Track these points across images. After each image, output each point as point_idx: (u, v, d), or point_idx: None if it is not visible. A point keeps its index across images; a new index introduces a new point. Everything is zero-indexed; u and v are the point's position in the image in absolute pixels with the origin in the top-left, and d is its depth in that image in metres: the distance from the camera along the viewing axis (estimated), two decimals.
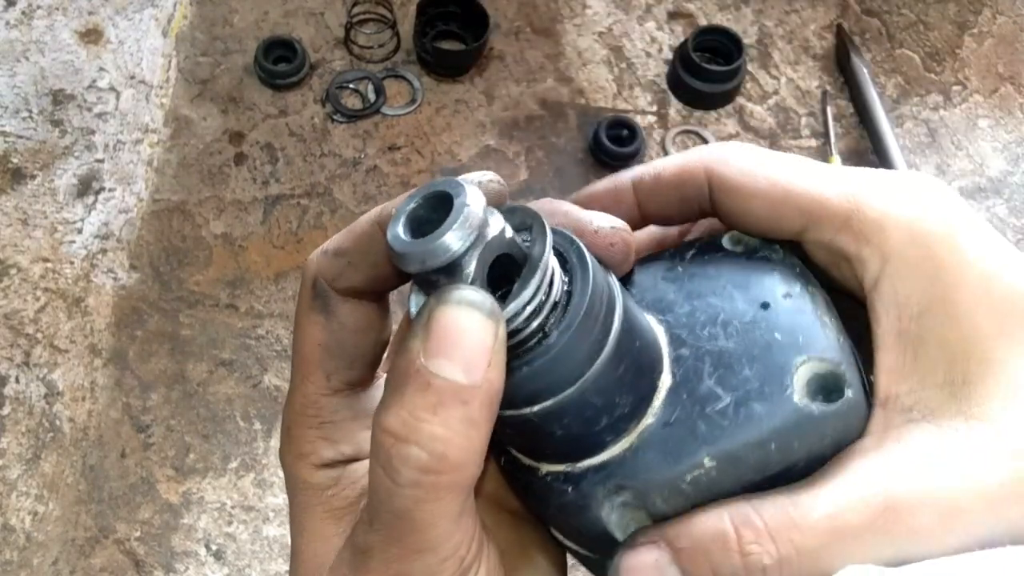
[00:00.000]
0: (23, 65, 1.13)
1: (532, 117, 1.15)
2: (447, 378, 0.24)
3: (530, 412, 0.27)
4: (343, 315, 0.31)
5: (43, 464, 0.91)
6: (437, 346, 0.25)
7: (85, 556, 0.87)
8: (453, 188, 0.26)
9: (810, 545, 0.26)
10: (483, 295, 0.25)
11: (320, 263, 0.31)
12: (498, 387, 0.25)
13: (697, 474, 0.27)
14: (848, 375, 0.28)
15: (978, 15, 1.28)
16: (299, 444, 0.32)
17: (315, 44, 1.17)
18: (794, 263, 0.31)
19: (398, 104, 1.15)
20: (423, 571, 0.26)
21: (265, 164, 1.09)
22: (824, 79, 1.21)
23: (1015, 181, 1.16)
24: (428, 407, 0.24)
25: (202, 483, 0.91)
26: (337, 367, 0.31)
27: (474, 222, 0.25)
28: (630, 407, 0.28)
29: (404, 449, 0.24)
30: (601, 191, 0.34)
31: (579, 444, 0.29)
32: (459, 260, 0.25)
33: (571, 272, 0.28)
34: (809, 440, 0.27)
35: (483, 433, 0.25)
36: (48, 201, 1.04)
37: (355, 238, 0.30)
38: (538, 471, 0.30)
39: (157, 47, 1.16)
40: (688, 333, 0.30)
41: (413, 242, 0.25)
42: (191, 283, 1.01)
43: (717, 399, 0.28)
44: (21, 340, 0.97)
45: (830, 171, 0.31)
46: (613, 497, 0.28)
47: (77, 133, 1.09)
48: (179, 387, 0.96)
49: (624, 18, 1.25)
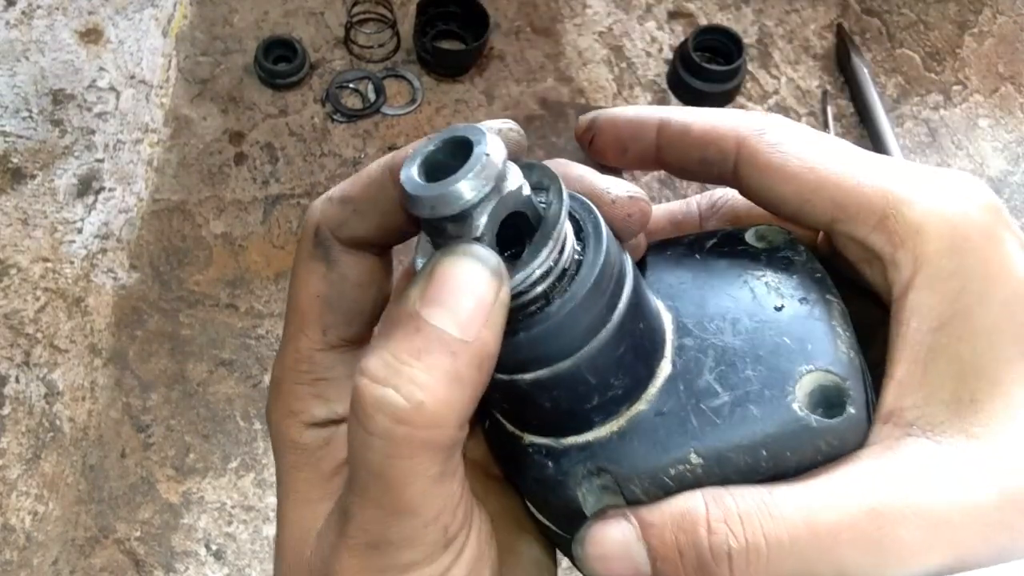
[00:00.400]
0: (23, 65, 1.13)
1: (532, 117, 1.15)
2: (438, 326, 0.23)
3: (521, 379, 0.27)
4: (345, 266, 0.29)
5: (43, 464, 0.91)
6: (435, 294, 0.24)
7: (85, 556, 0.87)
8: (474, 134, 0.25)
9: (782, 537, 0.25)
10: (491, 253, 0.24)
11: (324, 210, 0.29)
12: (491, 350, 0.24)
13: (681, 469, 0.27)
14: (853, 392, 0.27)
15: (978, 15, 1.28)
16: (289, 401, 0.30)
17: (315, 44, 1.17)
18: (816, 267, 0.30)
19: (398, 104, 1.15)
20: (403, 536, 0.25)
21: (265, 164, 1.09)
22: (824, 79, 1.21)
23: (1015, 181, 1.16)
24: (413, 351, 0.23)
25: (202, 483, 0.91)
26: (335, 321, 0.30)
27: (491, 173, 0.24)
28: (624, 390, 0.28)
29: (379, 391, 0.23)
30: (624, 121, 0.32)
31: (566, 419, 0.28)
32: (471, 210, 0.24)
33: (584, 240, 0.27)
34: (802, 452, 0.27)
35: (467, 393, 0.24)
36: (48, 201, 1.04)
37: (364, 185, 0.28)
38: (521, 440, 0.29)
39: (157, 47, 1.16)
40: (695, 324, 0.29)
41: (426, 185, 0.24)
42: (191, 283, 1.01)
43: (714, 395, 0.27)
44: (21, 340, 0.97)
45: (869, 161, 0.30)
46: (592, 478, 0.28)
47: (77, 133, 1.09)
48: (179, 387, 0.96)
49: (624, 18, 1.25)
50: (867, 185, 0.29)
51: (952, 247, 0.28)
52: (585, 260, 0.26)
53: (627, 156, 0.33)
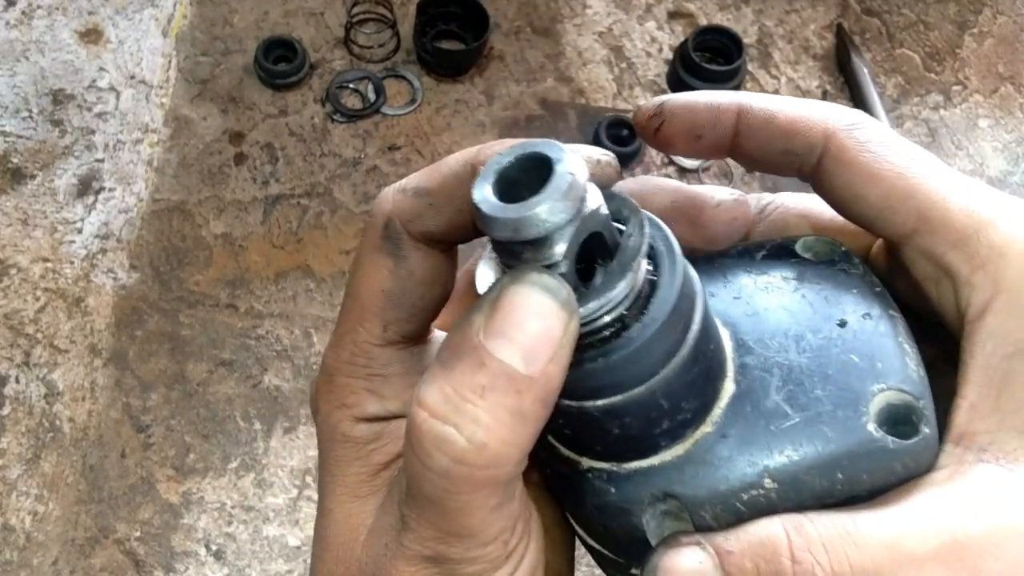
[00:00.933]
0: (23, 65, 1.13)
1: (532, 117, 1.15)
2: (504, 361, 0.22)
3: (592, 406, 0.25)
4: (414, 262, 0.28)
5: (43, 464, 0.91)
6: (501, 325, 0.23)
7: (85, 556, 0.87)
8: (553, 151, 0.23)
9: (867, 566, 0.24)
10: (561, 284, 0.23)
11: (397, 201, 0.28)
12: (556, 385, 0.23)
13: (755, 494, 0.26)
14: (926, 411, 0.26)
15: (978, 15, 1.28)
16: (343, 394, 0.29)
17: (315, 44, 1.17)
18: (874, 281, 0.29)
19: (398, 104, 1.15)
20: (462, 555, 0.25)
21: (265, 164, 1.09)
22: (824, 79, 1.21)
23: (1015, 181, 1.16)
24: (477, 388, 0.22)
25: (202, 483, 0.91)
26: (397, 317, 0.28)
27: (575, 195, 0.23)
28: (693, 412, 0.27)
29: (440, 429, 0.22)
30: (702, 106, 0.31)
31: (632, 445, 0.27)
32: (552, 235, 0.23)
33: (656, 260, 0.26)
34: (879, 473, 0.26)
35: (531, 431, 0.23)
36: (48, 201, 1.04)
37: (442, 178, 0.27)
38: (579, 465, 0.28)
39: (157, 47, 1.16)
40: (755, 341, 0.28)
41: (506, 207, 0.23)
42: (191, 283, 1.01)
43: (784, 416, 0.26)
44: (21, 340, 0.97)
45: (958, 178, 0.29)
46: (657, 504, 0.27)
47: (77, 133, 1.09)
48: (179, 387, 0.96)
49: (624, 18, 1.25)
50: (955, 201, 0.28)
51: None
52: (661, 281, 0.25)
53: (699, 144, 0.31)
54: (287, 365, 0.98)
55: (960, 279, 0.28)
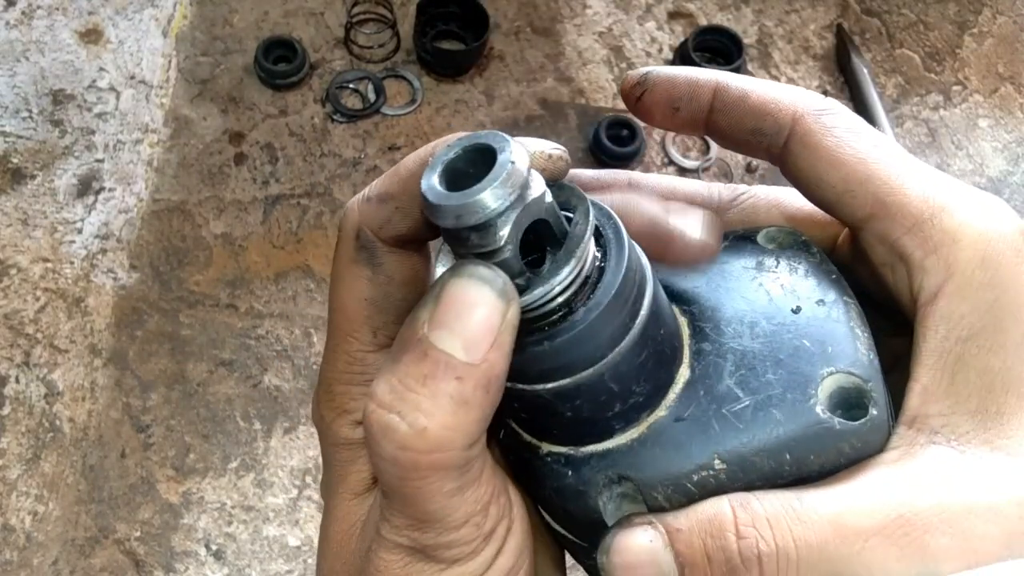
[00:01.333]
0: (23, 65, 1.13)
1: (532, 117, 1.15)
2: (444, 350, 0.23)
3: (542, 389, 0.26)
4: (390, 267, 0.29)
5: (43, 464, 0.91)
6: (443, 316, 0.24)
7: (85, 556, 0.87)
8: (497, 142, 0.24)
9: (811, 541, 0.25)
10: (497, 273, 0.24)
11: (364, 211, 0.28)
12: (499, 371, 0.24)
13: (705, 475, 0.27)
14: (875, 394, 0.27)
15: (978, 15, 1.28)
16: (343, 401, 0.30)
17: (315, 44, 1.17)
18: (830, 269, 0.30)
19: (398, 104, 1.15)
20: (436, 540, 0.26)
21: (265, 164, 1.09)
22: (824, 79, 1.21)
23: (1015, 181, 1.16)
24: (420, 377, 0.23)
25: (202, 483, 0.91)
26: (384, 322, 0.29)
27: (516, 181, 0.23)
28: (645, 396, 0.27)
29: (386, 418, 0.23)
30: (681, 79, 0.32)
31: (586, 428, 0.28)
32: (495, 220, 0.24)
33: (605, 247, 0.27)
34: (826, 455, 0.26)
35: (475, 416, 0.24)
36: (48, 201, 1.04)
37: (403, 181, 0.27)
38: (539, 450, 0.29)
39: (157, 47, 1.16)
40: (712, 328, 0.29)
41: (450, 195, 0.24)
42: (191, 283, 1.01)
43: (735, 400, 0.27)
44: (21, 340, 0.97)
45: (916, 165, 0.29)
46: (613, 487, 0.27)
47: (77, 133, 1.09)
48: (179, 387, 0.96)
49: (624, 18, 1.25)
50: (912, 187, 0.29)
51: (985, 259, 0.27)
52: (608, 267, 0.26)
53: (676, 117, 0.32)
54: (287, 365, 0.98)
55: (913, 263, 0.28)
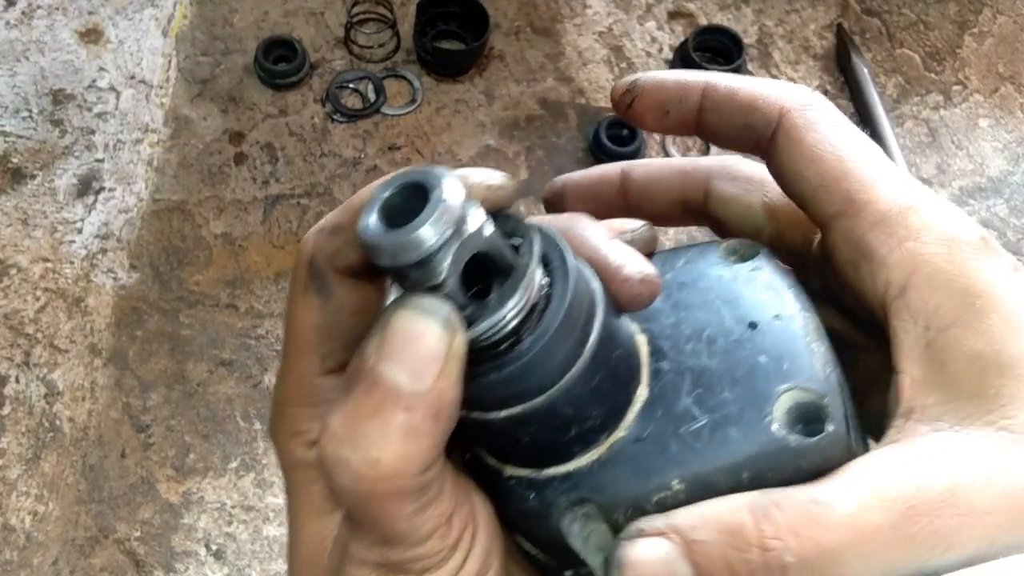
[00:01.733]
0: (23, 65, 1.13)
1: (532, 117, 1.15)
2: (392, 380, 0.24)
3: (496, 416, 0.26)
4: (342, 296, 0.29)
5: (43, 464, 0.91)
6: (390, 348, 0.24)
7: (85, 556, 0.87)
8: (430, 178, 0.24)
9: (831, 545, 0.24)
10: (441, 304, 0.24)
11: (317, 241, 0.29)
12: (448, 399, 0.24)
13: (664, 495, 0.26)
14: (832, 408, 0.26)
15: (978, 15, 1.28)
16: (294, 422, 0.31)
17: (315, 44, 1.17)
18: (790, 282, 0.30)
19: (398, 104, 1.15)
20: (402, 556, 0.26)
21: (265, 164, 1.09)
22: (824, 79, 1.21)
23: (1015, 181, 1.16)
24: (370, 409, 0.24)
25: (202, 483, 0.91)
26: (333, 349, 0.30)
27: (450, 217, 0.23)
28: (602, 419, 0.27)
29: (338, 452, 0.24)
30: (670, 83, 0.33)
31: (546, 451, 0.28)
32: (432, 256, 0.24)
33: (552, 274, 0.26)
34: (783, 472, 0.26)
35: (426, 444, 0.24)
36: (48, 201, 1.04)
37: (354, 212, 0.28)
38: (502, 472, 0.29)
39: (157, 47, 1.16)
40: (671, 346, 0.29)
41: (385, 234, 0.24)
42: (191, 283, 1.01)
43: (693, 419, 0.27)
44: (21, 340, 0.97)
45: (891, 169, 0.30)
46: (575, 508, 0.27)
47: (77, 133, 1.09)
48: (179, 387, 0.96)
49: (624, 18, 1.25)
50: (882, 187, 0.29)
51: (951, 253, 0.28)
52: (554, 295, 0.26)
53: (667, 119, 0.33)
54: None
55: (877, 259, 0.29)
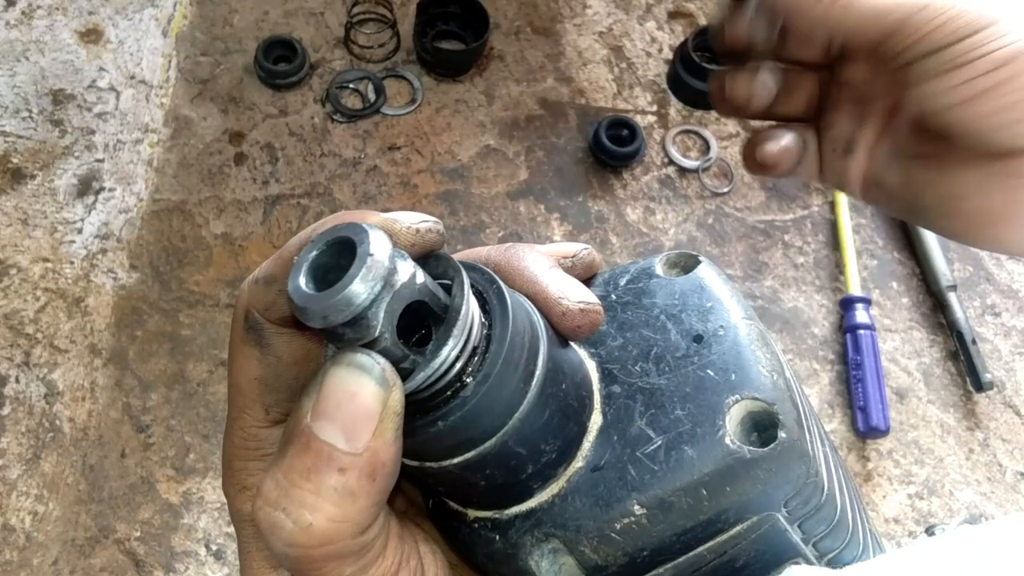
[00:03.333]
0: (23, 65, 1.13)
1: (532, 117, 1.15)
2: (327, 441, 0.23)
3: (449, 464, 0.26)
4: (279, 348, 0.28)
5: (43, 464, 0.91)
6: (324, 407, 0.23)
7: (85, 556, 0.87)
8: (356, 233, 0.23)
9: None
10: (375, 360, 0.23)
11: (252, 293, 0.28)
12: (384, 458, 0.24)
13: (627, 522, 0.26)
14: (782, 415, 0.26)
15: None
16: (241, 477, 0.30)
17: (315, 44, 1.17)
18: (731, 291, 0.30)
19: (398, 104, 1.15)
20: None
21: (265, 164, 1.09)
22: None
23: None
24: (304, 470, 0.23)
25: (202, 483, 0.91)
26: (276, 400, 0.29)
27: (379, 272, 0.23)
28: (558, 452, 0.27)
29: (272, 517, 0.23)
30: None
31: (505, 492, 0.27)
32: (364, 313, 0.23)
33: (491, 313, 0.26)
34: (741, 484, 0.26)
35: (362, 504, 0.23)
36: (48, 201, 1.04)
37: (285, 263, 0.27)
38: (466, 517, 0.28)
39: (157, 47, 1.16)
40: (620, 368, 0.28)
41: (313, 296, 0.23)
42: (191, 283, 1.01)
43: (648, 441, 0.26)
44: (21, 340, 0.97)
45: None
46: (542, 545, 0.27)
47: (77, 133, 1.09)
48: (179, 387, 0.96)
49: (624, 18, 1.25)
50: None
51: None
52: (493, 335, 0.25)
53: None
54: None
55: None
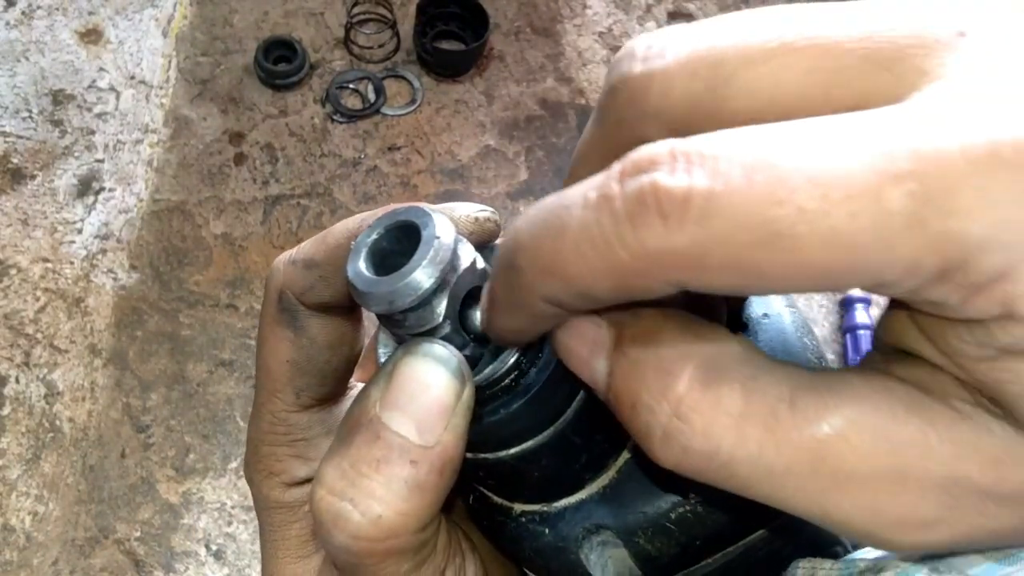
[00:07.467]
0: (23, 65, 1.13)
1: (532, 117, 1.15)
2: (399, 433, 0.22)
3: (506, 455, 0.25)
4: (313, 331, 0.28)
5: (43, 464, 0.91)
6: (396, 397, 0.23)
7: (85, 556, 0.87)
8: (419, 217, 0.23)
9: None
10: (452, 353, 0.23)
11: (288, 274, 0.27)
12: (454, 453, 0.23)
13: (682, 511, 0.25)
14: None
15: None
16: (269, 462, 0.30)
17: (315, 44, 1.17)
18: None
19: (398, 104, 1.15)
20: None
21: (265, 164, 1.09)
22: None
23: None
24: (372, 461, 0.22)
25: (202, 483, 0.91)
26: (307, 384, 0.29)
27: (445, 256, 0.22)
28: (610, 442, 0.26)
29: (337, 506, 0.22)
30: None
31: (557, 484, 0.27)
32: (429, 299, 0.22)
33: None
34: None
35: (429, 500, 0.23)
36: (48, 201, 1.05)
37: (329, 251, 0.26)
38: (511, 511, 0.28)
39: (157, 47, 1.16)
40: None
41: (378, 280, 0.22)
42: (191, 283, 1.01)
43: None
44: (21, 340, 0.97)
45: None
46: (592, 537, 0.26)
47: (77, 133, 1.09)
48: (179, 387, 0.96)
49: (624, 18, 1.25)
50: None
51: None
52: None
53: None
54: None
55: None
